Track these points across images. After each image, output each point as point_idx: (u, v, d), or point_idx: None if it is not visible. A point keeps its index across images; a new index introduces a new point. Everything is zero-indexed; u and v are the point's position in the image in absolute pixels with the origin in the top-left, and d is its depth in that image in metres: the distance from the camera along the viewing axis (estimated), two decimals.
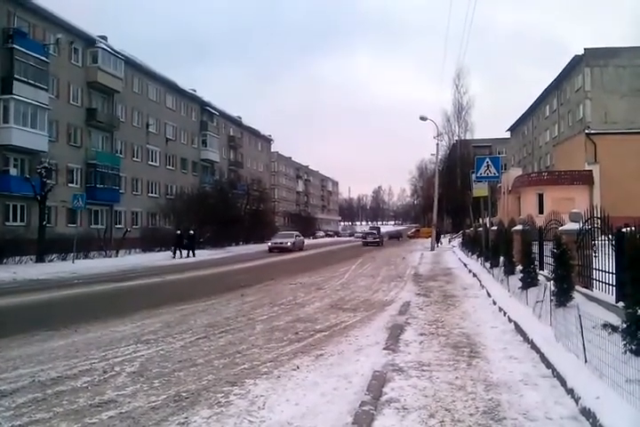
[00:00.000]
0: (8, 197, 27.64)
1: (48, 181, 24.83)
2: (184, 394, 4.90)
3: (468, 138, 63.83)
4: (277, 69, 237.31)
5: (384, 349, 6.53)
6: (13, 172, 28.18)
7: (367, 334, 7.59)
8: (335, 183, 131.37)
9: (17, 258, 21.71)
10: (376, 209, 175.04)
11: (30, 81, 28.77)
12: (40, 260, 22.71)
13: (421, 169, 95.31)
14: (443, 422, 4.03)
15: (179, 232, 30.01)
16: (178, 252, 29.19)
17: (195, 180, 49.41)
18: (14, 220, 28.37)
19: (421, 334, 7.38)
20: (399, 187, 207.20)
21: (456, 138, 64.22)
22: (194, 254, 29.70)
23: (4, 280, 16.60)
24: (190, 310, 10.15)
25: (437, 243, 39.84)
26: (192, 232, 30.71)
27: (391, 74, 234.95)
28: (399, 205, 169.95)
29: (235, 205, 46.55)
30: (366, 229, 59.25)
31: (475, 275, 15.45)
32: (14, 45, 27.87)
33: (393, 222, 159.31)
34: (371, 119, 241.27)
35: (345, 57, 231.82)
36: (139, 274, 19.21)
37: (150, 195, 42.42)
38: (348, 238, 75.77)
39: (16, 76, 27.95)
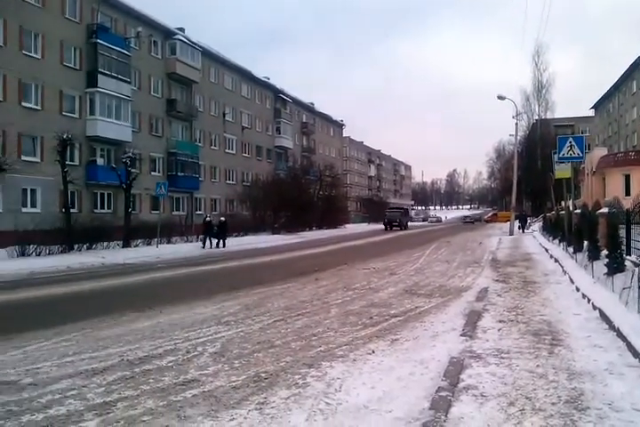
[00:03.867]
0: (96, 186, 29.30)
1: (132, 170, 26.04)
2: (263, 375, 5.05)
3: (548, 117, 61.05)
4: (350, 53, 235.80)
5: (461, 335, 6.44)
6: (100, 162, 29.78)
7: (443, 320, 7.50)
8: (408, 167, 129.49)
9: (105, 243, 23.00)
10: (450, 193, 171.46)
11: (113, 74, 30.16)
12: (126, 245, 23.98)
13: (499, 151, 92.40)
14: (523, 410, 3.94)
15: (208, 219, 26.96)
16: (208, 241, 25.89)
17: (269, 166, 50.30)
18: (102, 207, 30.06)
19: (500, 321, 7.19)
20: (475, 170, 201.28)
21: (536, 117, 61.68)
22: (224, 244, 26.24)
23: (93, 264, 17.69)
24: (267, 293, 10.41)
25: (523, 228, 38.50)
26: (223, 219, 27.33)
27: (467, 53, 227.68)
28: (475, 188, 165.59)
29: (307, 190, 47.02)
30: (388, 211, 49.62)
31: (556, 260, 14.85)
32: (98, 40, 29.24)
33: (468, 206, 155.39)
34: (445, 100, 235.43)
35: (419, 38, 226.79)
36: (217, 258, 19.89)
37: (228, 182, 43.64)
38: (421, 223, 74.79)
39: (100, 69, 29.35)
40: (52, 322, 7.77)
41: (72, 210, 23.59)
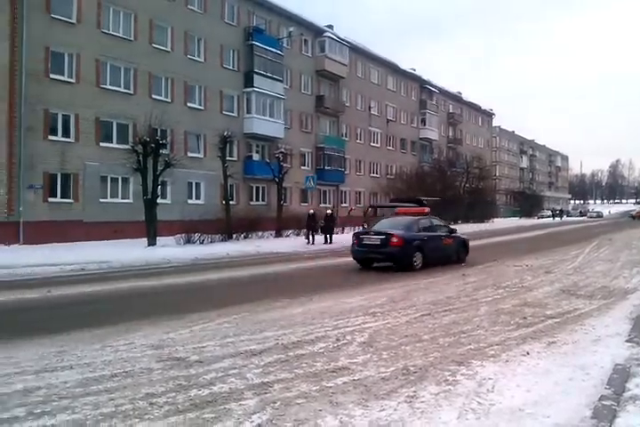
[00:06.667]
0: (252, 180, 31.19)
1: (284, 165, 27.40)
2: (411, 368, 5.06)
3: None
4: (503, 39, 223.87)
5: (627, 341, 5.94)
6: (256, 157, 31.64)
7: (606, 324, 6.95)
8: (565, 158, 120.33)
9: (259, 233, 24.52)
10: (613, 186, 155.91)
11: (268, 74, 31.79)
12: (278, 235, 25.33)
13: None
14: None
15: (311, 212, 24.49)
16: (311, 236, 23.51)
17: (413, 159, 49.83)
18: (257, 199, 31.96)
19: None
20: None
21: None
22: (330, 240, 23.85)
23: (249, 252, 18.90)
24: (412, 287, 10.40)
25: None
26: (329, 212, 25.07)
27: (631, 33, 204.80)
28: None
29: (453, 183, 45.86)
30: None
31: None
32: (254, 42, 30.99)
33: (634, 201, 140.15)
34: (606, 85, 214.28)
35: (575, 18, 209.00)
36: None
37: (372, 175, 44.03)
38: (579, 219, 69.27)
39: (256, 70, 31.10)
40: (215, 304, 8.48)
41: (231, 202, 25.44)
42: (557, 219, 65.21)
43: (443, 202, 39.76)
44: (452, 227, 16.60)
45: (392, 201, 26.87)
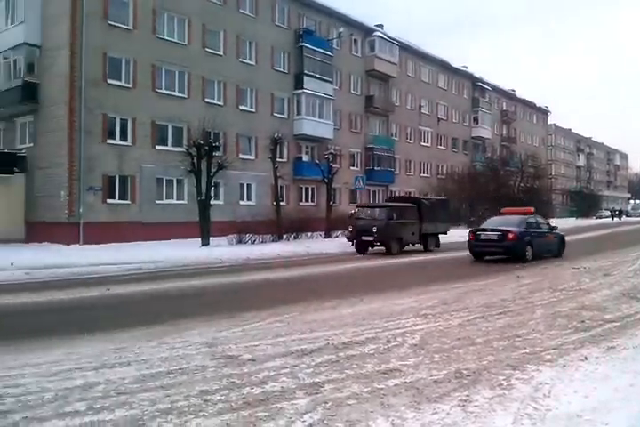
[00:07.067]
0: (301, 181, 31.43)
1: (334, 166, 27.46)
2: (464, 372, 4.97)
3: None
4: (559, 34, 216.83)
5: None
6: (305, 158, 31.87)
7: None
8: (624, 156, 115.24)
9: (309, 234, 24.66)
10: None
11: (317, 75, 31.93)
12: (327, 236, 25.39)
13: None
14: None
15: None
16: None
17: (465, 158, 48.96)
18: (306, 200, 32.17)
19: None
20: None
21: None
22: None
23: (299, 253, 19.06)
24: (465, 289, 10.21)
25: None
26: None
27: None
28: None
29: (507, 183, 44.75)
30: None
31: None
32: (304, 44, 31.21)
33: None
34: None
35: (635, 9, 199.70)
36: (413, 251, 19.98)
37: (422, 175, 43.54)
38: (639, 219, 66.26)
39: (306, 71, 31.30)
40: (267, 304, 8.60)
41: (281, 203, 25.70)
42: (616, 219, 62.63)
43: (496, 202, 38.99)
44: (553, 225, 18.40)
45: (387, 201, 26.83)
